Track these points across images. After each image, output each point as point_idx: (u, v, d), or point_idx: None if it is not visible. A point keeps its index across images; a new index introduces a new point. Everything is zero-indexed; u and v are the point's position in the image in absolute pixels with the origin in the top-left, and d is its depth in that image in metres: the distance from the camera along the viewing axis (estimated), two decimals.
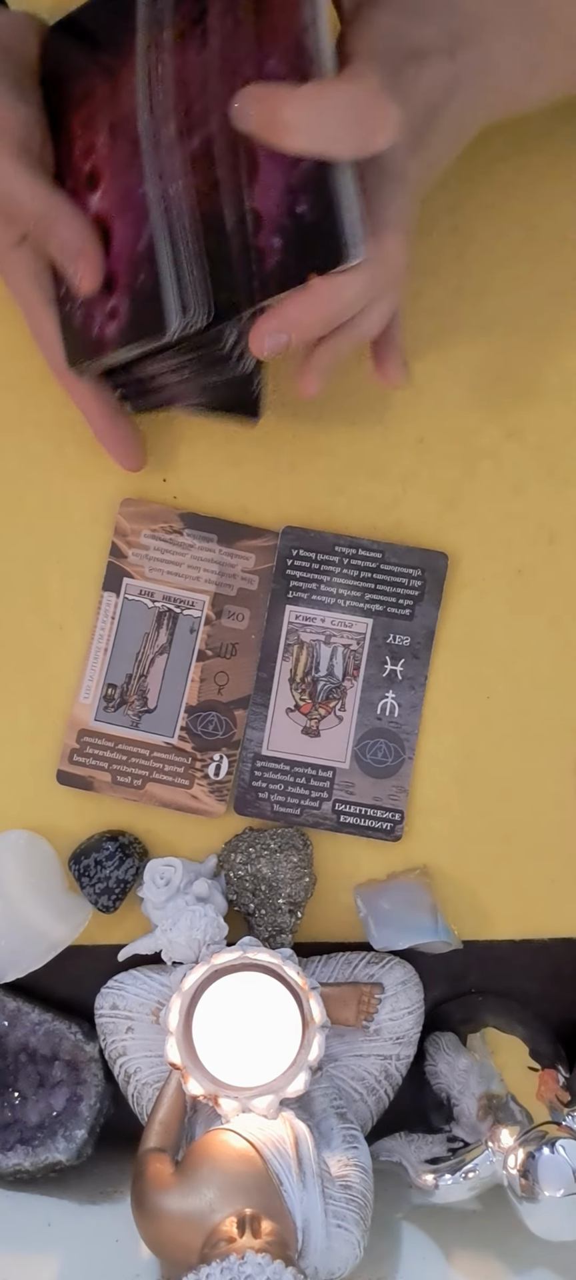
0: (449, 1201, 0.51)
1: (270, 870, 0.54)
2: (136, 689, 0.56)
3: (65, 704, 0.56)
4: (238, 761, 0.56)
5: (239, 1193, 0.45)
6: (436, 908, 0.55)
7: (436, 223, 0.56)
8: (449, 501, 0.57)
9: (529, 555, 0.57)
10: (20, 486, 0.57)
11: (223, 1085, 0.49)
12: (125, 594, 0.56)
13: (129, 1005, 0.54)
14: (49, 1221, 0.53)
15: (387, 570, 0.56)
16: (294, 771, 0.56)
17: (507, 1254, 0.51)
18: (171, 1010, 0.50)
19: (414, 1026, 0.55)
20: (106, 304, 0.46)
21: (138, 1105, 0.54)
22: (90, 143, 0.46)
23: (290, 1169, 0.47)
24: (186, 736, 0.56)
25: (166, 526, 0.56)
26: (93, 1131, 0.55)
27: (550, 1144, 0.48)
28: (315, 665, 0.56)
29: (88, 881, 0.55)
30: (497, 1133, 0.50)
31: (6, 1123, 0.55)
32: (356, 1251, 0.47)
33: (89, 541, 0.57)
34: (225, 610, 0.56)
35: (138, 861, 0.55)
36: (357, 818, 0.56)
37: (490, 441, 0.57)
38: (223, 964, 0.51)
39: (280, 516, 0.57)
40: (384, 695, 0.56)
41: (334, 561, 0.56)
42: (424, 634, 0.56)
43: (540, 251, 0.57)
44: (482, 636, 0.57)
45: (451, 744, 0.57)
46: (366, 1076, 0.54)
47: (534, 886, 0.57)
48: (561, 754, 0.57)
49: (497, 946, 0.57)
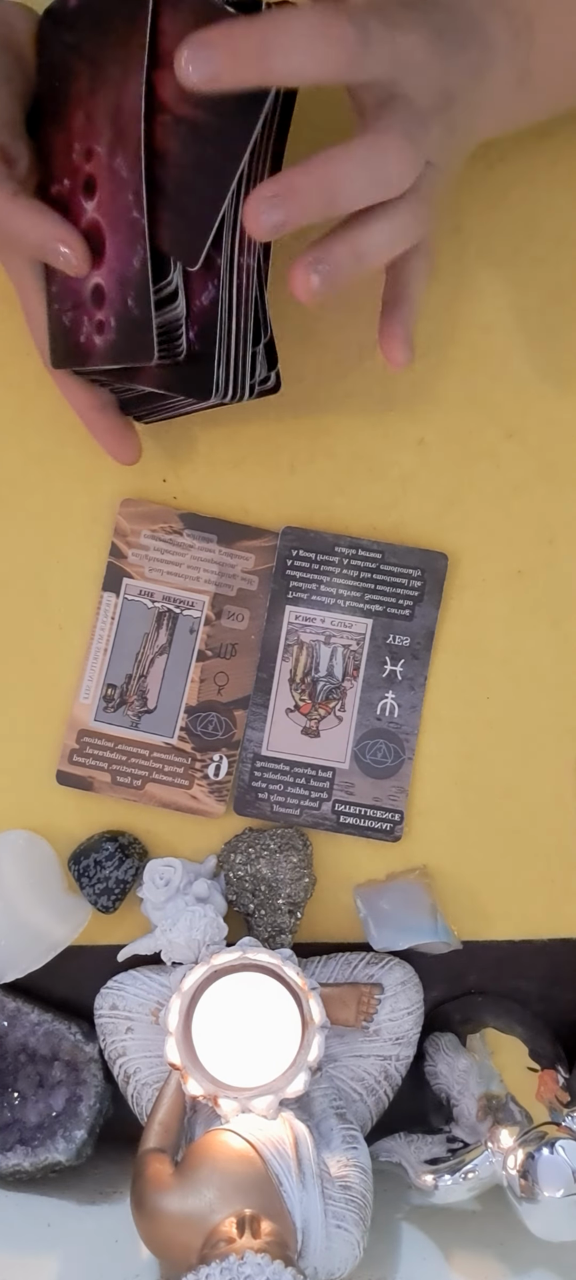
0: (448, 1202, 0.51)
1: (270, 870, 0.54)
2: (136, 689, 0.56)
3: (65, 704, 0.56)
4: (237, 762, 0.56)
5: (238, 1193, 0.45)
6: (436, 908, 0.55)
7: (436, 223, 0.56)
8: (449, 501, 0.57)
9: (529, 555, 0.57)
10: (20, 486, 0.57)
11: (222, 1085, 0.49)
12: (125, 594, 0.56)
13: (128, 1005, 0.54)
14: (48, 1222, 0.53)
15: (387, 570, 0.56)
16: (293, 772, 0.56)
17: (507, 1254, 0.51)
18: (171, 1010, 0.50)
19: (413, 1027, 0.55)
20: (95, 315, 0.46)
21: (137, 1105, 0.54)
22: (89, 148, 0.45)
23: (290, 1169, 0.47)
24: (186, 737, 0.56)
25: (166, 527, 0.56)
26: (92, 1132, 0.55)
27: (549, 1144, 0.48)
28: (315, 665, 0.56)
29: (87, 882, 0.55)
30: (497, 1133, 0.50)
31: (6, 1123, 0.55)
32: (356, 1252, 0.47)
33: (89, 541, 0.57)
34: (225, 610, 0.56)
35: (137, 862, 0.55)
36: (357, 818, 0.56)
37: (490, 441, 0.57)
38: (222, 964, 0.51)
39: (280, 517, 0.57)
40: (383, 695, 0.56)
41: (334, 562, 0.56)
42: (424, 634, 0.56)
43: (540, 251, 0.57)
44: (482, 636, 0.57)
45: (451, 744, 0.57)
46: (366, 1077, 0.54)
47: (534, 886, 0.57)
48: (561, 754, 0.57)
49: (497, 947, 0.57)
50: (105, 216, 0.45)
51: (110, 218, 0.45)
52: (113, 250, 0.45)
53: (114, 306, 0.45)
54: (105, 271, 0.45)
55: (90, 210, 0.45)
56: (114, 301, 0.45)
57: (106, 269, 0.45)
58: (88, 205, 0.45)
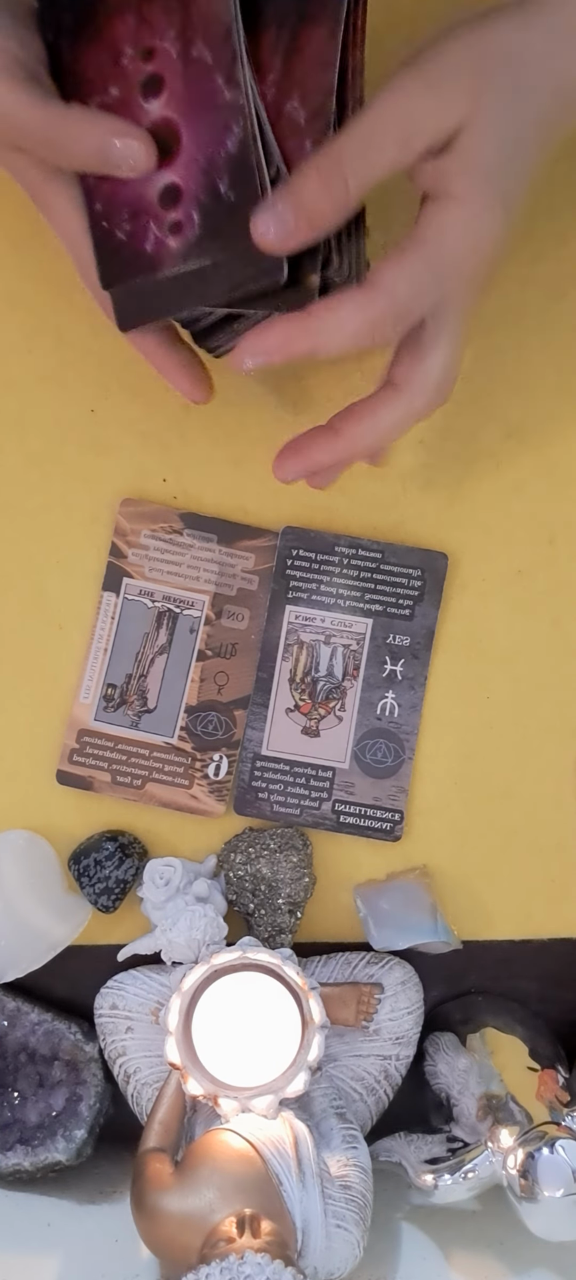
0: (448, 1202, 0.51)
1: (270, 870, 0.54)
2: (136, 689, 0.56)
3: (65, 704, 0.56)
4: (237, 761, 0.56)
5: (238, 1193, 0.45)
6: (436, 908, 0.55)
7: None
8: (449, 501, 0.57)
9: (529, 555, 0.57)
10: (20, 486, 0.57)
11: (222, 1085, 0.49)
12: (125, 594, 0.56)
13: (128, 1005, 0.54)
14: (48, 1222, 0.53)
15: (387, 570, 0.56)
16: (293, 771, 0.56)
17: (507, 1254, 0.51)
18: (171, 1010, 0.50)
19: (413, 1027, 0.55)
20: (167, 216, 0.44)
21: (137, 1105, 0.54)
22: (150, 46, 0.43)
23: (290, 1169, 0.47)
24: (186, 736, 0.56)
25: (166, 526, 0.56)
26: (92, 1131, 0.55)
27: (549, 1144, 0.48)
28: (315, 665, 0.56)
29: (87, 881, 0.55)
30: (497, 1133, 0.50)
31: (6, 1123, 0.55)
32: (356, 1251, 0.47)
33: (89, 541, 0.57)
34: (225, 610, 0.56)
35: (137, 861, 0.55)
36: (357, 818, 0.56)
37: (490, 441, 0.57)
38: (222, 964, 0.51)
39: (280, 516, 0.57)
40: (384, 695, 0.56)
41: (334, 562, 0.56)
42: (424, 634, 0.56)
43: (540, 251, 0.57)
44: (482, 636, 0.57)
45: (451, 744, 0.57)
46: (366, 1077, 0.54)
47: (534, 886, 0.57)
48: (561, 754, 0.57)
49: (497, 946, 0.57)
50: (179, 110, 0.43)
51: (187, 108, 0.43)
52: (192, 141, 0.43)
53: (197, 200, 0.43)
54: (182, 166, 0.43)
55: (156, 109, 0.43)
56: (196, 194, 0.43)
57: (183, 163, 0.43)
58: (150, 105, 0.43)
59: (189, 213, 0.43)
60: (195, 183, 0.43)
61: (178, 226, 0.44)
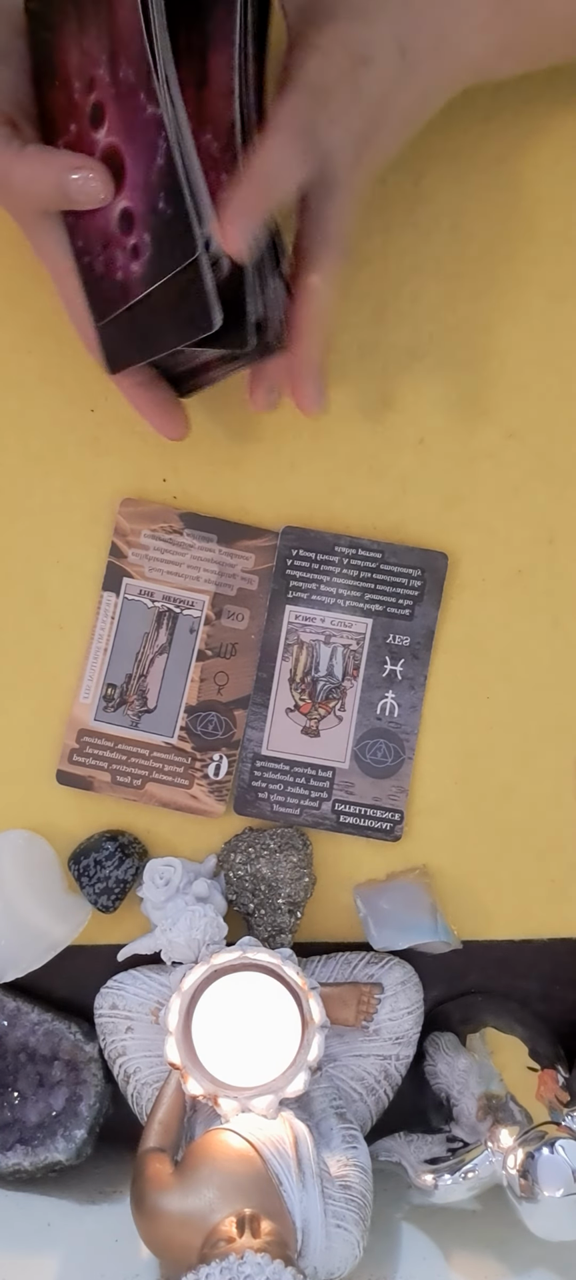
0: (448, 1201, 0.51)
1: (270, 870, 0.54)
2: (136, 689, 0.56)
3: (65, 704, 0.56)
4: (237, 761, 0.56)
5: (238, 1193, 0.45)
6: (436, 908, 0.55)
7: (436, 223, 0.56)
8: (449, 501, 0.57)
9: (529, 555, 0.57)
10: (20, 486, 0.57)
11: (222, 1085, 0.49)
12: (125, 594, 0.56)
13: (128, 1005, 0.54)
14: (48, 1221, 0.53)
15: (387, 570, 0.56)
16: (293, 771, 0.56)
17: (507, 1254, 0.51)
18: (171, 1010, 0.50)
19: (413, 1027, 0.55)
20: (127, 242, 0.44)
21: (137, 1105, 0.54)
22: (91, 77, 0.44)
23: (289, 1169, 0.47)
24: (186, 736, 0.56)
25: (166, 526, 0.56)
26: (92, 1131, 0.55)
27: (549, 1144, 0.48)
28: (315, 665, 0.56)
29: (87, 881, 0.55)
30: (497, 1133, 0.50)
31: (6, 1123, 0.55)
32: (356, 1251, 0.47)
33: (89, 541, 0.57)
34: (225, 610, 0.56)
35: (137, 861, 0.55)
36: (357, 818, 0.56)
37: (490, 441, 0.57)
38: (222, 964, 0.51)
39: (280, 516, 0.57)
40: (383, 695, 0.56)
41: (334, 561, 0.56)
42: (424, 634, 0.56)
43: (540, 251, 0.57)
44: (482, 636, 0.57)
45: (451, 744, 0.57)
46: (366, 1076, 0.54)
47: (534, 886, 0.57)
48: (561, 754, 0.57)
49: (497, 946, 0.57)
50: (119, 133, 0.44)
51: (124, 130, 0.44)
52: (133, 163, 0.44)
53: (145, 220, 0.44)
54: (129, 190, 0.44)
55: (102, 137, 0.44)
56: (144, 215, 0.44)
57: (130, 186, 0.44)
58: (98, 135, 0.44)
59: (142, 235, 0.44)
60: (142, 203, 0.44)
61: (136, 250, 0.44)
